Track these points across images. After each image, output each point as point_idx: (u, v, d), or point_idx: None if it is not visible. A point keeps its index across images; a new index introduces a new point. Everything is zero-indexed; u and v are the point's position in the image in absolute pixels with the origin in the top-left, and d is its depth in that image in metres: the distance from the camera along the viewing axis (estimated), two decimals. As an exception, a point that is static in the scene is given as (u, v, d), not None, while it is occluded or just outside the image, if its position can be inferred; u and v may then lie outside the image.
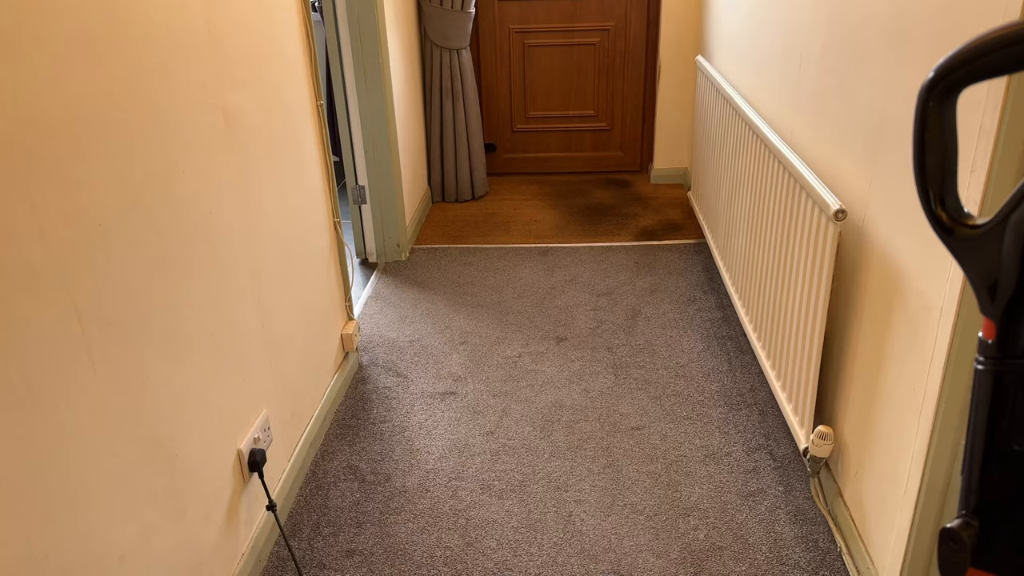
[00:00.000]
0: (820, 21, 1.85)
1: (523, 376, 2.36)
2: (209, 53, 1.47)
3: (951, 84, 0.58)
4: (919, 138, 0.61)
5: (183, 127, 1.37)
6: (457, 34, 3.46)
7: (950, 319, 1.22)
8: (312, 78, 2.05)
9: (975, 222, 0.58)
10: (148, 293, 1.26)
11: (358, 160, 2.99)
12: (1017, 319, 0.56)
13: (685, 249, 3.16)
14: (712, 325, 2.59)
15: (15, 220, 0.96)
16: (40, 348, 1.01)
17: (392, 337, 2.59)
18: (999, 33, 0.54)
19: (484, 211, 3.64)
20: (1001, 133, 1.10)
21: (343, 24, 2.76)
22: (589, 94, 3.91)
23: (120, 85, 1.18)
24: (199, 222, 1.42)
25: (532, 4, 3.75)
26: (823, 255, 1.66)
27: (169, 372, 1.32)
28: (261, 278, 1.71)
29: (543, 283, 2.93)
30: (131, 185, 1.21)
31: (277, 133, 1.81)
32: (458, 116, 3.61)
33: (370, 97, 2.87)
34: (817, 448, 1.74)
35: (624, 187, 3.88)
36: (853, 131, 1.63)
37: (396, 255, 3.15)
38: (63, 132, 1.05)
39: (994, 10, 1.11)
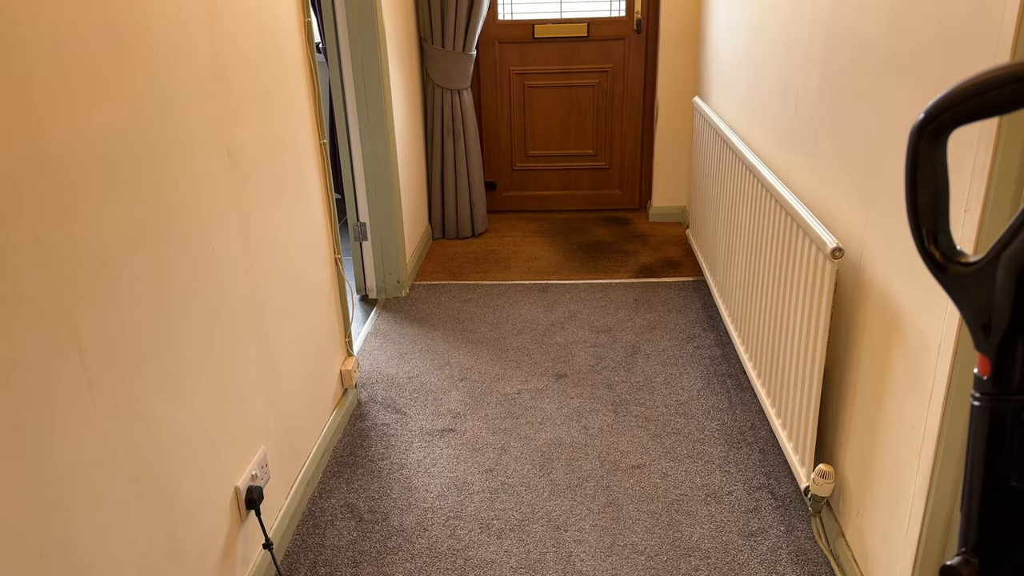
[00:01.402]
0: (814, 63, 1.88)
1: (522, 413, 2.35)
2: (215, 91, 1.49)
3: (941, 125, 0.60)
4: (911, 177, 0.62)
5: (187, 163, 1.39)
6: (459, 75, 3.52)
7: (948, 357, 1.22)
8: (316, 117, 2.08)
9: (968, 259, 0.59)
10: (149, 328, 1.26)
11: (360, 197, 3.01)
12: (1011, 355, 0.56)
13: (684, 286, 3.17)
14: (712, 362, 2.59)
15: (20, 254, 0.97)
16: (41, 382, 1.01)
17: (391, 373, 2.59)
18: (987, 76, 0.56)
19: (484, 248, 3.67)
20: (994, 173, 1.12)
21: (347, 65, 2.82)
22: (588, 133, 3.97)
23: (126, 121, 1.20)
24: (201, 258, 1.44)
25: (532, 47, 3.82)
26: (821, 293, 1.67)
27: (169, 407, 1.32)
28: (262, 313, 1.72)
29: (543, 319, 2.93)
30: (135, 220, 1.22)
31: (280, 170, 1.83)
32: (459, 154, 3.65)
33: (372, 136, 2.91)
34: (818, 487, 1.73)
35: (623, 225, 3.91)
36: (848, 170, 1.66)
37: (396, 291, 3.16)
38: (69, 167, 1.07)
39: (985, 52, 1.14)
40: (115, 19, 1.17)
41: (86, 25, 1.10)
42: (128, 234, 1.20)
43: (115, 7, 1.17)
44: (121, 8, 1.19)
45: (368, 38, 2.76)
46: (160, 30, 1.29)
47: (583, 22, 3.75)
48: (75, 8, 1.08)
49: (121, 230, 1.18)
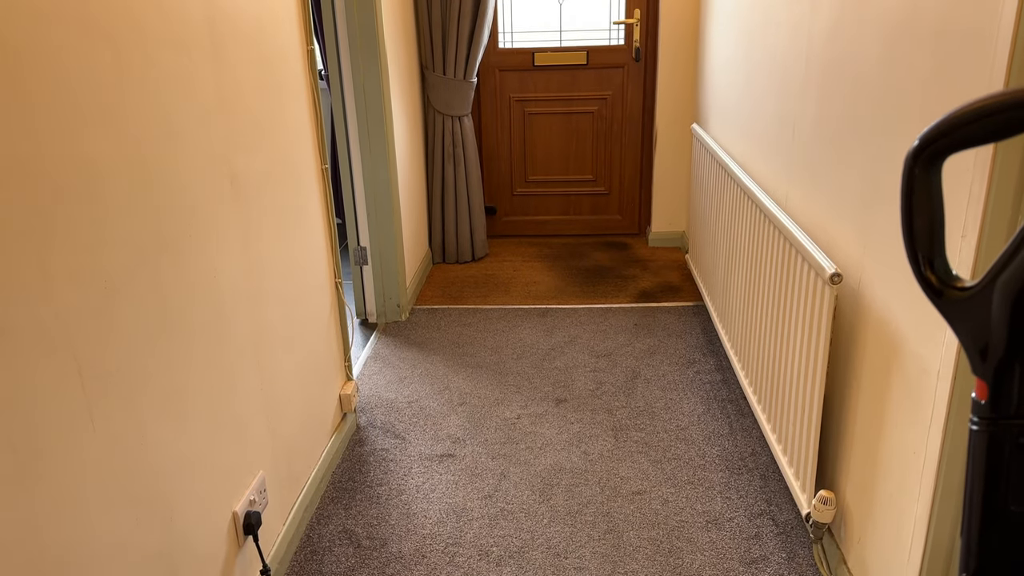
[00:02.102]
0: (811, 92, 1.91)
1: (522, 438, 2.34)
2: (218, 117, 1.51)
3: (935, 152, 0.61)
4: (906, 203, 0.63)
5: (191, 189, 1.40)
6: (459, 102, 3.56)
7: (947, 382, 1.23)
8: (318, 143, 2.10)
9: (963, 284, 0.60)
10: (150, 352, 1.26)
11: (360, 222, 3.03)
12: (1009, 379, 0.57)
13: (684, 311, 3.18)
14: (712, 388, 2.58)
15: (22, 278, 0.98)
16: (42, 406, 1.01)
17: (390, 398, 2.58)
18: (979, 104, 0.57)
19: (484, 272, 3.68)
20: (990, 199, 1.13)
21: (349, 91, 2.85)
22: (588, 159, 4.00)
23: (130, 147, 1.21)
24: (203, 282, 1.44)
25: (532, 74, 3.87)
26: (820, 318, 1.67)
27: (168, 432, 1.32)
28: (262, 338, 1.72)
29: (542, 344, 2.93)
30: (138, 245, 1.23)
31: (282, 195, 1.85)
32: (459, 180, 3.68)
33: (374, 161, 2.93)
34: (819, 513, 1.72)
35: (622, 250, 3.92)
36: (846, 197, 1.67)
37: (396, 315, 3.16)
38: (73, 192, 1.08)
39: (979, 80, 1.16)
40: (121, 48, 1.19)
41: (92, 53, 1.12)
42: (130, 258, 1.21)
43: (121, 36, 1.19)
44: (127, 37, 1.20)
45: (370, 65, 2.80)
46: (165, 58, 1.31)
47: (582, 50, 3.80)
48: (82, 37, 1.10)
49: (123, 255, 1.19)
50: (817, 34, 1.86)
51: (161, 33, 1.30)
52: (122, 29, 1.19)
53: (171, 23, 1.33)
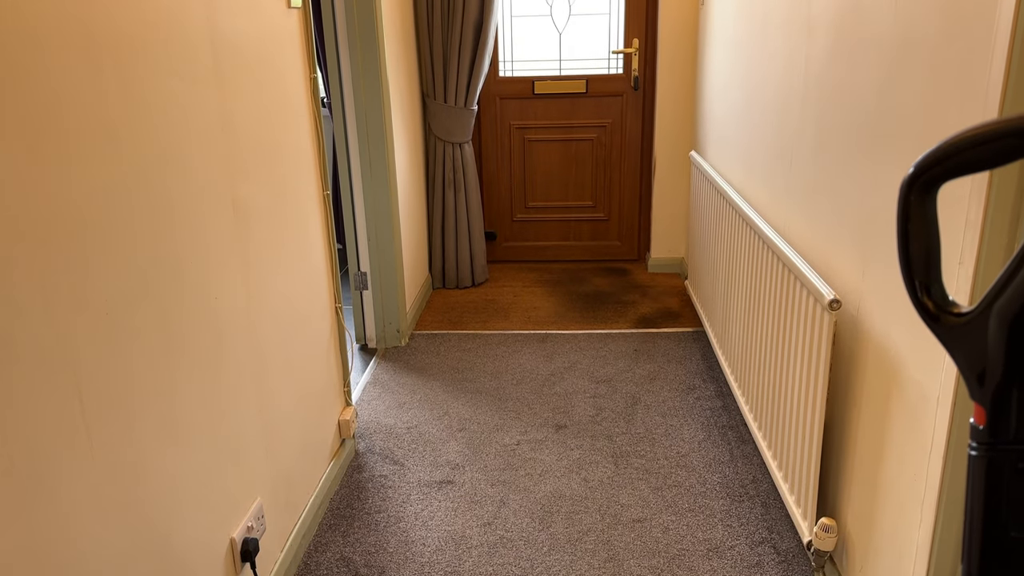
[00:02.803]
0: (808, 119, 1.93)
1: (522, 465, 2.32)
2: (222, 144, 1.53)
3: (930, 179, 0.61)
4: (903, 230, 0.63)
5: (193, 214, 1.41)
6: (460, 129, 3.60)
7: (947, 409, 1.22)
8: (319, 169, 2.12)
9: (960, 310, 0.60)
10: (150, 377, 1.26)
11: (361, 247, 3.04)
12: (1006, 405, 0.57)
13: (683, 337, 3.18)
14: (712, 414, 2.57)
15: (25, 302, 0.99)
16: (41, 430, 1.01)
17: (389, 424, 2.57)
18: (972, 133, 0.58)
19: (484, 297, 3.68)
20: (986, 225, 1.14)
21: (351, 119, 2.88)
22: (587, 186, 4.02)
23: (134, 173, 1.23)
24: (204, 307, 1.45)
25: (532, 102, 3.91)
26: (819, 345, 1.67)
27: (167, 456, 1.31)
28: (262, 363, 1.72)
29: (542, 370, 2.93)
30: (140, 270, 1.24)
31: (284, 221, 1.86)
32: (459, 206, 3.70)
33: (374, 188, 2.95)
34: (821, 541, 1.70)
35: (622, 275, 3.93)
36: (844, 224, 1.68)
37: (396, 340, 3.16)
38: (77, 217, 1.09)
39: (974, 109, 1.17)
40: (125, 74, 1.21)
41: (96, 78, 1.14)
42: (133, 284, 1.22)
43: (125, 62, 1.21)
44: (131, 63, 1.22)
45: (372, 93, 2.83)
46: (169, 84, 1.33)
47: (582, 79, 3.85)
48: (86, 63, 1.11)
49: (126, 280, 1.20)
50: (813, 62, 1.88)
51: (165, 59, 1.32)
52: (126, 55, 1.21)
53: (175, 49, 1.35)
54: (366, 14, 2.74)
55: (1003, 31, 1.09)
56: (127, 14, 1.20)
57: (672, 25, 3.59)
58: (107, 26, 1.15)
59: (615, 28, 3.80)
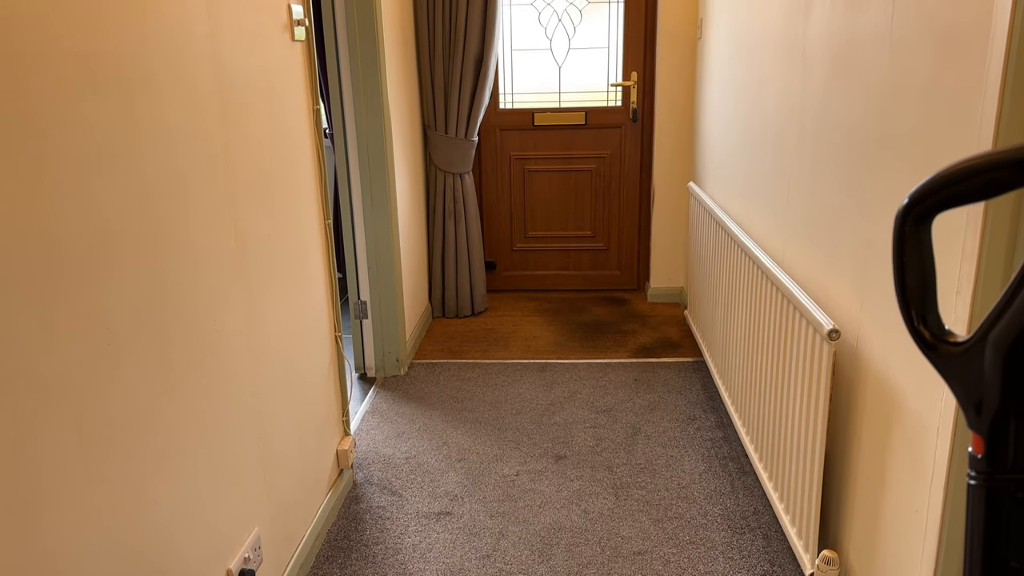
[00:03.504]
0: (805, 150, 1.95)
1: (521, 496, 2.31)
2: (225, 173, 1.54)
3: (924, 210, 0.62)
4: (898, 260, 0.64)
5: (196, 244, 1.42)
6: (461, 160, 3.63)
7: (947, 439, 1.22)
8: (321, 199, 2.13)
9: (956, 339, 0.61)
10: (150, 406, 1.26)
11: (361, 276, 3.05)
12: (1004, 433, 0.57)
13: (683, 367, 3.17)
14: (713, 445, 2.56)
15: (25, 332, 0.99)
16: (39, 461, 1.01)
17: (388, 454, 2.56)
18: (965, 165, 0.59)
19: (484, 327, 3.68)
20: (982, 255, 1.15)
21: (352, 150, 2.91)
22: (587, 216, 4.05)
23: (137, 202, 1.24)
24: (205, 336, 1.45)
25: (532, 133, 3.95)
26: (819, 375, 1.67)
27: (164, 488, 1.30)
28: (261, 392, 1.72)
29: (542, 399, 2.92)
30: (142, 299, 1.24)
31: (285, 251, 1.87)
32: (460, 235, 3.72)
33: (375, 217, 2.97)
34: (823, 573, 1.68)
35: (622, 305, 3.94)
36: (843, 254, 1.69)
37: (395, 370, 3.16)
38: (80, 244, 1.10)
39: (968, 140, 1.19)
40: (132, 106, 1.22)
41: (103, 110, 1.15)
42: (134, 313, 1.22)
43: (133, 95, 1.23)
44: (139, 95, 1.24)
45: (374, 125, 2.86)
46: (175, 115, 1.35)
47: (581, 111, 3.89)
48: (94, 94, 1.13)
49: (127, 309, 1.20)
50: (810, 93, 1.91)
51: (171, 91, 1.34)
52: (130, 84, 1.23)
53: (181, 82, 1.37)
54: (369, 47, 2.79)
55: (995, 63, 1.11)
56: (133, 45, 1.23)
57: (670, 58, 3.64)
58: (113, 56, 1.17)
59: (614, 61, 3.85)
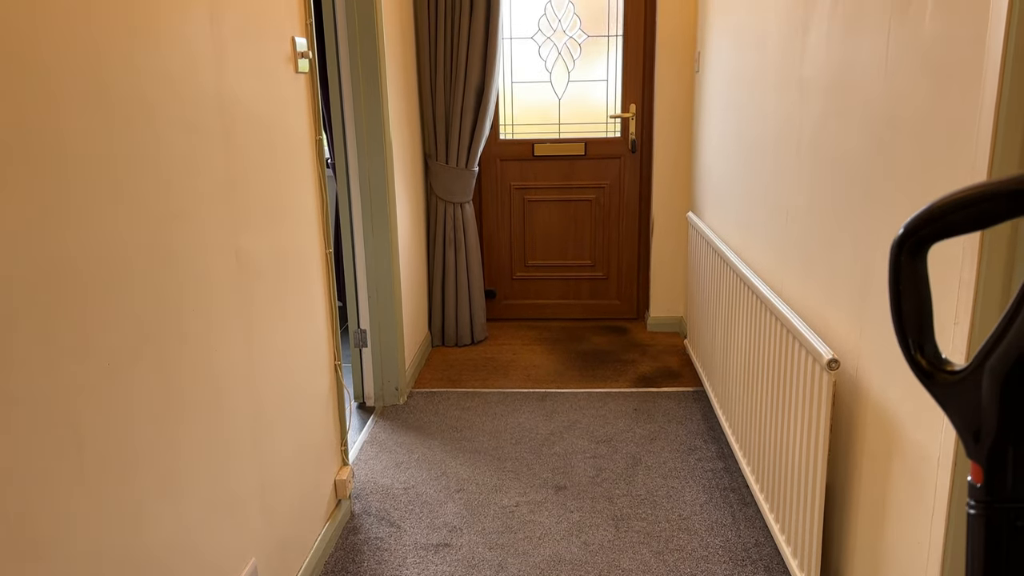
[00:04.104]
0: (803, 181, 1.97)
1: (520, 527, 2.28)
2: (227, 200, 1.56)
3: (919, 240, 0.63)
4: (895, 289, 0.65)
5: (197, 269, 1.43)
6: (461, 189, 3.66)
7: (948, 470, 1.22)
8: (322, 227, 2.15)
9: (953, 368, 0.61)
10: (149, 431, 1.26)
11: (361, 304, 3.06)
12: (1002, 462, 0.57)
13: (684, 397, 3.16)
14: (714, 475, 2.54)
15: (29, 352, 0.99)
16: (39, 481, 1.00)
17: (386, 484, 2.54)
18: (957, 196, 0.60)
19: (483, 355, 3.68)
20: (980, 285, 1.15)
21: (354, 179, 2.93)
22: (586, 245, 4.07)
23: (140, 227, 1.25)
24: (205, 362, 1.45)
25: (532, 164, 3.99)
26: (819, 405, 1.67)
27: (163, 513, 1.30)
28: (260, 420, 1.71)
29: (541, 429, 2.90)
30: (142, 323, 1.25)
31: (286, 278, 1.88)
32: (460, 264, 3.73)
33: (376, 246, 2.99)
34: (827, 608, 1.66)
35: (622, 334, 3.94)
36: (841, 283, 1.70)
37: (394, 399, 3.14)
38: (82, 269, 1.10)
39: (962, 169, 1.20)
40: (135, 130, 1.24)
41: (107, 135, 1.17)
42: (135, 336, 1.22)
43: (136, 119, 1.24)
44: (142, 120, 1.26)
45: (375, 155, 2.89)
46: (178, 141, 1.37)
47: (580, 142, 3.93)
48: (98, 118, 1.15)
49: (128, 332, 1.21)
50: (807, 124, 1.93)
51: (174, 117, 1.36)
52: (136, 112, 1.24)
53: (184, 108, 1.39)
54: (371, 78, 2.83)
55: (989, 95, 1.13)
56: (139, 73, 1.25)
57: (668, 90, 3.69)
58: (119, 84, 1.19)
59: (613, 93, 3.90)
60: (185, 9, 1.39)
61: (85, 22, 1.11)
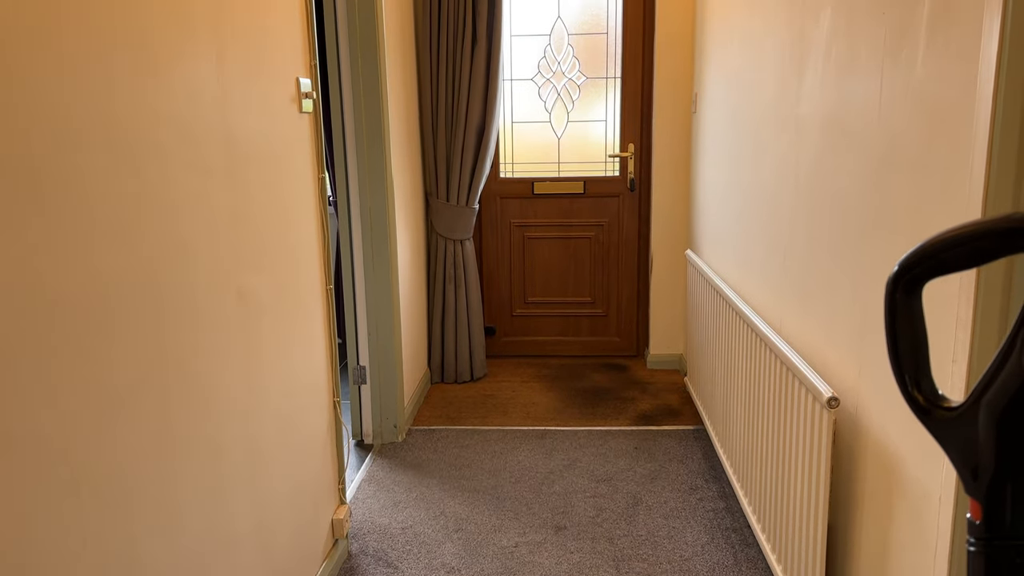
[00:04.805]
0: (800, 220, 1.99)
1: (520, 568, 2.25)
2: (230, 237, 1.57)
3: (914, 278, 0.64)
4: (890, 327, 0.65)
5: (198, 305, 1.44)
6: (461, 227, 3.69)
7: (949, 508, 1.21)
8: (324, 264, 2.16)
9: (950, 404, 0.61)
10: (147, 469, 1.25)
11: (361, 341, 3.06)
12: (1001, 499, 0.57)
13: (684, 435, 3.14)
14: (715, 516, 2.51)
15: (27, 388, 0.99)
16: (36, 520, 0.99)
17: (384, 523, 2.51)
18: (950, 234, 0.61)
19: (483, 392, 3.66)
20: (976, 323, 1.16)
21: (356, 217, 2.96)
22: (586, 282, 4.08)
23: (142, 263, 1.26)
24: (204, 398, 1.45)
25: (532, 201, 4.02)
26: (820, 443, 1.66)
27: (158, 553, 1.28)
28: (257, 457, 1.70)
29: (541, 467, 2.88)
30: (143, 360, 1.25)
31: (286, 315, 1.88)
32: (460, 301, 3.74)
33: (376, 283, 3.00)
34: (832, 651, 1.63)
35: (621, 371, 3.93)
36: (839, 321, 1.71)
37: (393, 436, 3.12)
38: (85, 305, 1.11)
39: (958, 207, 1.22)
40: (141, 169, 1.26)
41: (114, 173, 1.19)
42: (135, 372, 1.23)
43: (143, 158, 1.26)
44: (148, 158, 1.28)
45: (377, 193, 2.92)
46: (183, 182, 1.39)
47: (580, 180, 3.98)
48: (106, 157, 1.17)
49: (128, 368, 1.21)
50: (803, 163, 1.96)
51: (181, 156, 1.38)
52: (141, 150, 1.26)
53: (190, 147, 1.41)
54: (374, 118, 2.87)
55: (981, 136, 1.15)
56: (143, 111, 1.27)
57: (666, 130, 3.74)
58: (123, 121, 1.21)
59: (611, 133, 3.96)
60: (193, 49, 1.42)
61: (98, 62, 1.14)
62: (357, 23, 2.83)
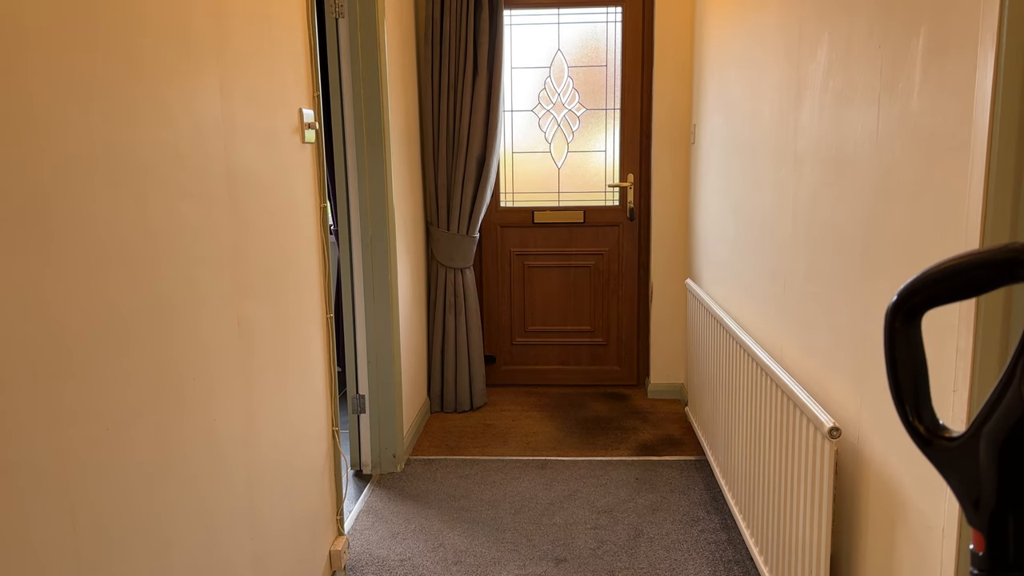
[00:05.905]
0: (799, 250, 2.00)
1: (519, 600, 2.22)
2: (231, 267, 1.58)
3: (913, 308, 0.64)
4: (890, 356, 0.65)
5: (199, 334, 1.44)
6: (462, 255, 3.70)
7: (953, 539, 1.20)
8: (324, 293, 2.17)
9: (951, 434, 0.61)
10: (144, 496, 1.24)
11: (360, 370, 3.05)
12: (1003, 530, 0.57)
13: (686, 466, 3.12)
14: (717, 548, 2.48)
15: (25, 416, 0.99)
16: (29, 549, 0.98)
17: (382, 555, 2.48)
18: (951, 263, 0.61)
19: (482, 422, 3.64)
20: (977, 353, 1.16)
21: (356, 246, 2.97)
22: (586, 311, 4.08)
23: (144, 291, 1.26)
24: (203, 428, 1.44)
25: (532, 230, 4.04)
26: (822, 474, 1.65)
27: (150, 585, 1.27)
28: (255, 487, 1.69)
29: (541, 498, 2.85)
30: (142, 387, 1.25)
31: (286, 343, 1.88)
32: (460, 330, 3.74)
33: (377, 312, 3.00)
34: None
35: (622, 400, 3.91)
36: (840, 350, 1.70)
37: (392, 466, 3.10)
38: (86, 333, 1.11)
39: (955, 237, 1.22)
40: (146, 200, 1.27)
41: (119, 204, 1.20)
42: (133, 400, 1.22)
43: (147, 189, 1.27)
44: (153, 189, 1.29)
45: (378, 222, 2.94)
46: (185, 210, 1.40)
47: (579, 210, 4.00)
48: (111, 188, 1.18)
49: (127, 396, 1.21)
50: (802, 195, 1.97)
51: (184, 185, 1.39)
52: (144, 179, 1.27)
53: (193, 176, 1.43)
54: (376, 148, 2.90)
55: (977, 166, 1.16)
56: (148, 141, 1.28)
57: (665, 160, 3.77)
58: (127, 151, 1.23)
59: (611, 163, 3.99)
60: (197, 81, 1.44)
61: (104, 92, 1.15)
62: (360, 55, 2.87)
